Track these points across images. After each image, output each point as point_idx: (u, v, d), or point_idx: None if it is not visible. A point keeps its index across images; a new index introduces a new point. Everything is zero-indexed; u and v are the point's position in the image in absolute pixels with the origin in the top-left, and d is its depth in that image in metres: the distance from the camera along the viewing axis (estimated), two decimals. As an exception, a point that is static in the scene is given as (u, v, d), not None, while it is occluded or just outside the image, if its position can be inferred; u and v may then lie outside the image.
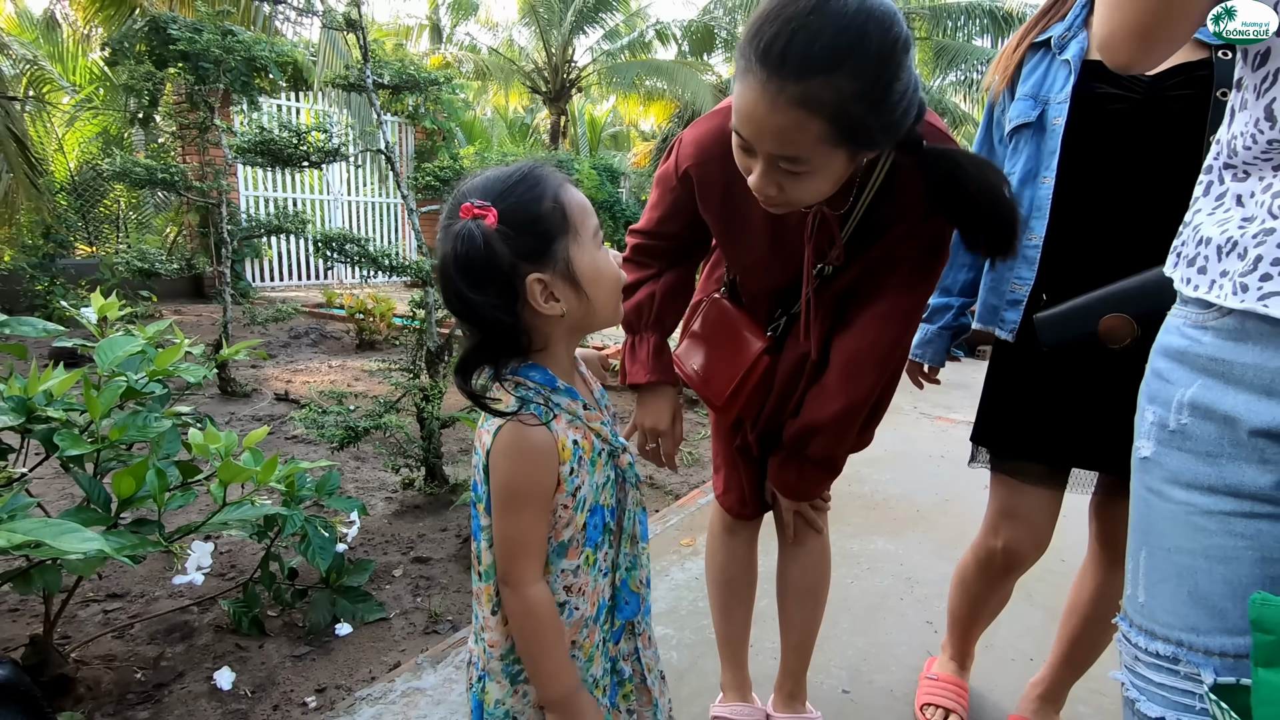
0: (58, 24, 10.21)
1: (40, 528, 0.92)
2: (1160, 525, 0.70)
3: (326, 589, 1.88)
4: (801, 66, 0.76)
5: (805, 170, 0.84)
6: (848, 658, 1.78)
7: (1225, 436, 0.66)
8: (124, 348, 1.47)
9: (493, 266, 0.74)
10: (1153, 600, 0.71)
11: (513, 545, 0.79)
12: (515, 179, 0.77)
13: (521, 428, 0.77)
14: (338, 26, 2.47)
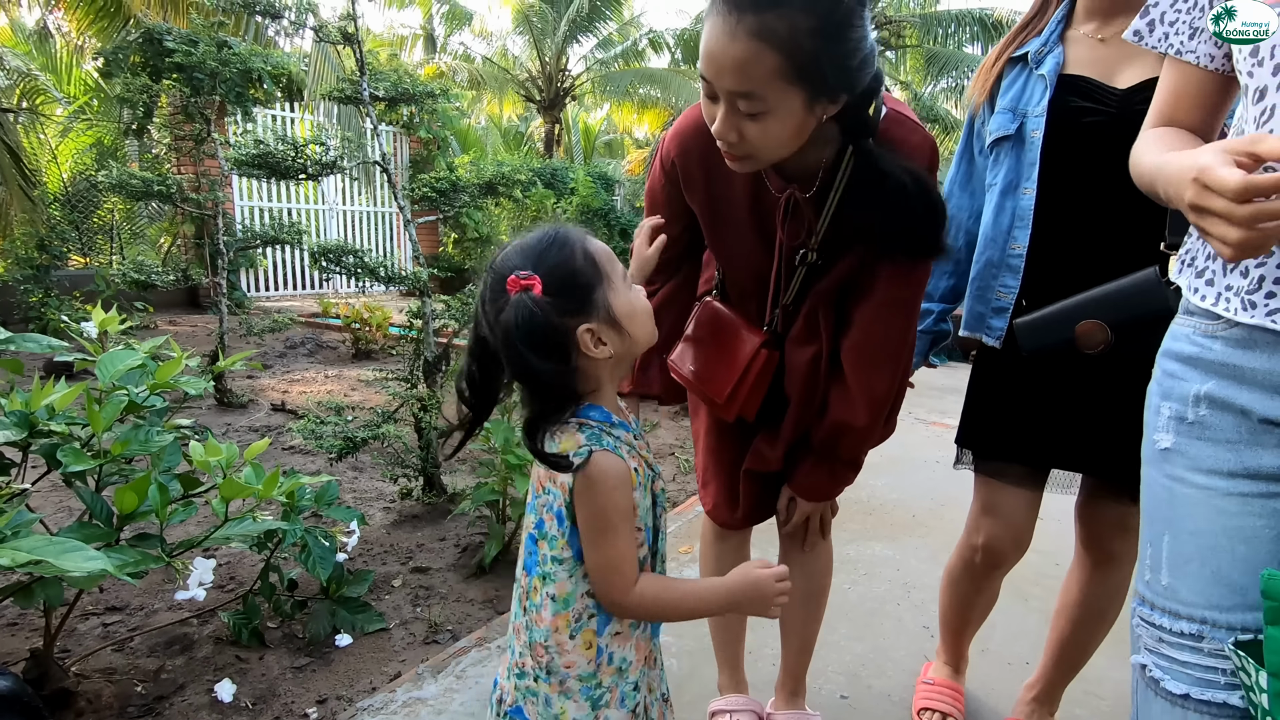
0: (51, 35, 10.21)
1: (44, 546, 0.92)
2: (1183, 510, 0.74)
3: (326, 600, 1.89)
4: (758, 1, 0.82)
5: (762, 110, 0.88)
6: (846, 663, 1.79)
7: (1242, 425, 0.70)
8: (125, 362, 1.48)
9: (551, 330, 0.80)
10: (1176, 582, 0.74)
11: (616, 567, 0.84)
12: (546, 243, 0.83)
13: (605, 459, 0.83)
14: (334, 41, 2.49)
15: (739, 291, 1.23)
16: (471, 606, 2.03)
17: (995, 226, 1.27)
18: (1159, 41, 0.84)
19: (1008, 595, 1.61)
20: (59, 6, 7.60)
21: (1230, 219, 0.61)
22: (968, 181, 1.42)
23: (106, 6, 7.33)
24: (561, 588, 0.86)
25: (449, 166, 8.55)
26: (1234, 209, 0.60)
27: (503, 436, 2.12)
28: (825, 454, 1.20)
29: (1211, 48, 0.80)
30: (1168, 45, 0.83)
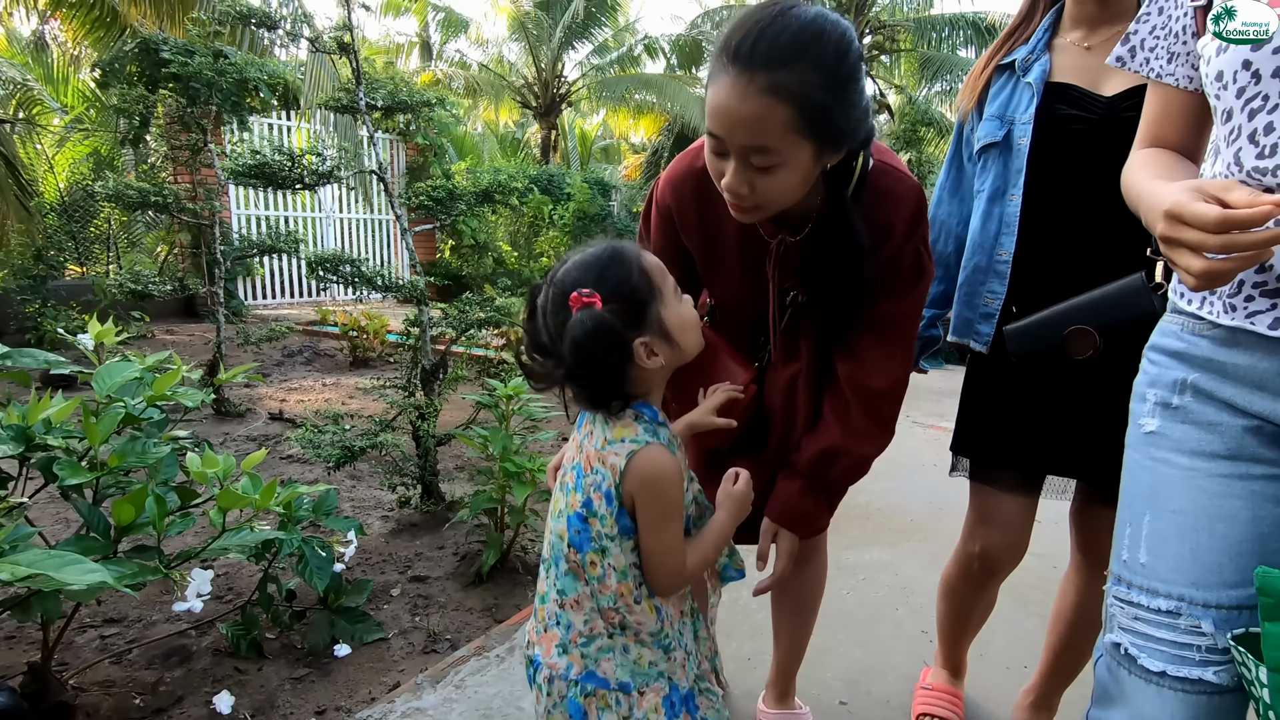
0: (47, 45, 10.22)
1: (43, 559, 0.92)
2: (1165, 490, 0.77)
3: (325, 610, 1.89)
4: (768, 57, 0.85)
5: (775, 163, 0.91)
6: (845, 669, 1.79)
7: (1222, 411, 0.75)
8: (122, 374, 1.48)
9: (613, 344, 0.86)
10: (1155, 560, 0.77)
11: (672, 551, 0.92)
12: (606, 261, 0.89)
13: (662, 453, 0.90)
14: (330, 51, 2.49)
15: (730, 321, 1.26)
16: (470, 615, 2.03)
17: (983, 233, 1.28)
18: (1141, 66, 0.90)
19: (1006, 599, 1.61)
20: (55, 16, 7.61)
21: (1203, 248, 0.66)
22: (957, 188, 1.43)
23: (103, 16, 7.34)
24: (619, 560, 0.92)
25: (445, 174, 8.58)
26: (1206, 239, 0.65)
27: (500, 445, 2.12)
28: (817, 479, 1.16)
29: (1189, 70, 0.84)
30: (1149, 70, 0.88)
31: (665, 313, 0.90)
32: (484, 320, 2.62)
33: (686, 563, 0.94)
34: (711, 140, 0.94)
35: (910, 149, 8.61)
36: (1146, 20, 0.88)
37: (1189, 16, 0.82)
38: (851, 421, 1.13)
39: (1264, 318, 0.71)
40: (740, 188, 0.94)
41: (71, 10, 7.24)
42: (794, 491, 1.16)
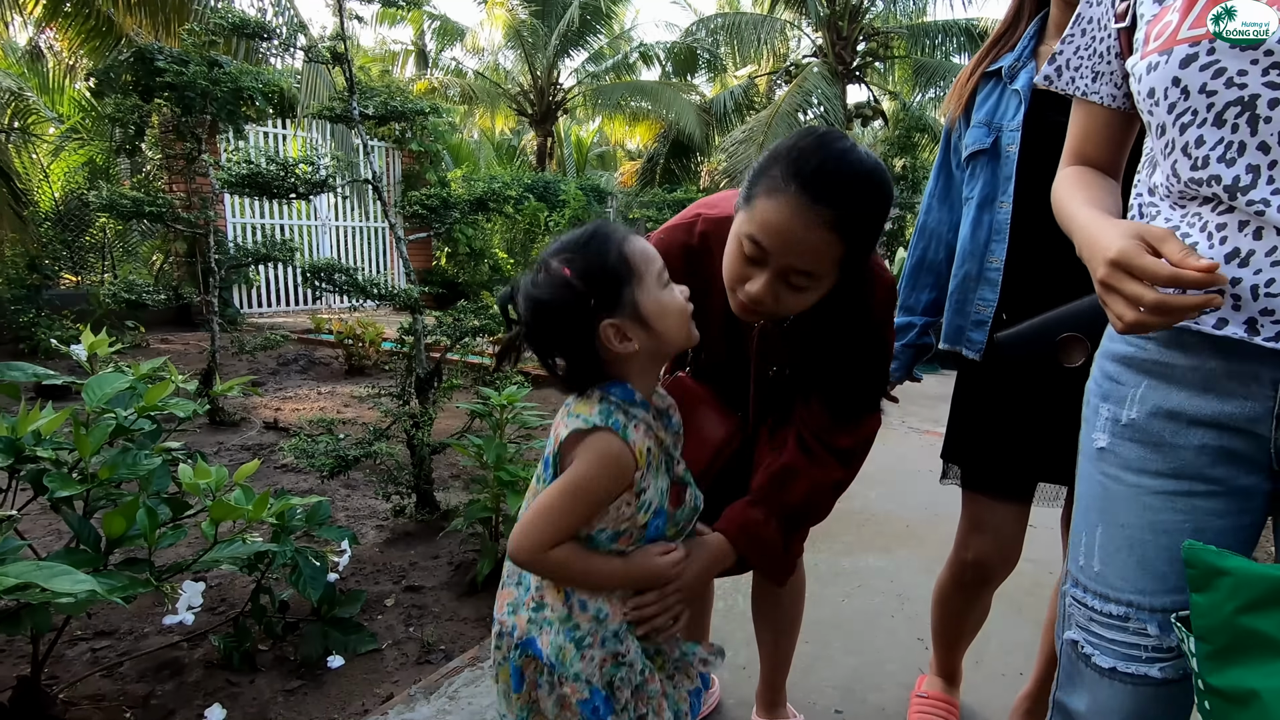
0: (42, 55, 10.22)
1: (32, 570, 0.92)
2: (1115, 505, 0.83)
3: (318, 621, 1.88)
4: (839, 195, 0.90)
5: (810, 285, 0.96)
6: (840, 677, 1.79)
7: (1168, 429, 0.79)
8: (113, 384, 1.48)
9: (569, 319, 0.87)
10: (1106, 569, 0.83)
11: (544, 522, 0.89)
12: (585, 238, 0.90)
13: (607, 440, 0.88)
14: (324, 61, 2.50)
15: (711, 373, 1.28)
16: (465, 625, 2.02)
17: (973, 240, 1.29)
18: (1067, 85, 0.94)
19: (1001, 606, 1.61)
20: (51, 26, 7.61)
21: (1139, 302, 0.69)
22: (946, 194, 1.43)
23: (98, 26, 7.34)
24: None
25: (441, 181, 8.58)
26: (1144, 294, 0.69)
27: (495, 453, 2.12)
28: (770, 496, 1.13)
29: (1112, 88, 0.90)
30: (1074, 88, 0.93)
31: (642, 297, 0.89)
32: (479, 328, 2.62)
33: (552, 549, 0.89)
34: (753, 248, 0.95)
35: (905, 155, 8.65)
36: (1071, 41, 0.93)
37: (1113, 38, 0.87)
38: (813, 452, 1.14)
39: (1208, 317, 0.74)
40: (767, 300, 0.97)
41: (67, 20, 7.24)
42: (743, 503, 1.14)
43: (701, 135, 12.43)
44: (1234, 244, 0.72)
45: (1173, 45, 0.74)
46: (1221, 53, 0.70)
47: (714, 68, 14.16)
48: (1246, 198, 0.71)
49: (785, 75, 12.56)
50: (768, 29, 12.03)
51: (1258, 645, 0.68)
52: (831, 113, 10.64)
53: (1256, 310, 0.71)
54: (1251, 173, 0.70)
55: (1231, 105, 0.71)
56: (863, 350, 1.13)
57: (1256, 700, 0.66)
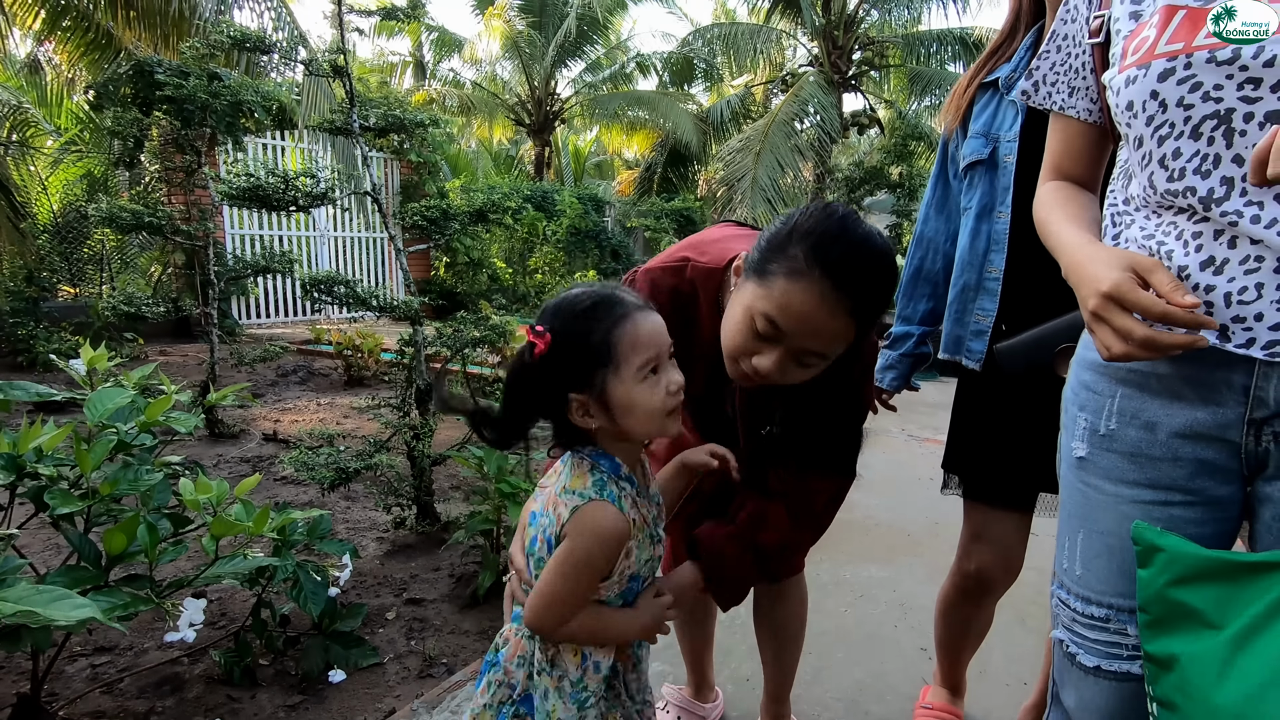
0: (41, 68, 10.25)
1: (31, 595, 0.91)
2: (1095, 513, 0.86)
3: (319, 635, 1.87)
4: (860, 286, 0.92)
5: (819, 364, 0.97)
6: (844, 689, 1.78)
7: (1144, 440, 0.81)
8: (114, 400, 1.47)
9: (537, 384, 0.88)
10: (1088, 573, 0.86)
11: (560, 601, 0.89)
12: (581, 308, 0.88)
13: (604, 510, 0.87)
14: (323, 74, 2.51)
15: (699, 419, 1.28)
16: (466, 638, 2.01)
17: (971, 250, 1.29)
18: (1044, 99, 0.96)
19: (1005, 615, 1.61)
20: (50, 39, 7.64)
21: (1129, 336, 0.72)
22: (943, 205, 1.44)
23: (97, 40, 7.37)
24: None
25: (440, 192, 8.60)
26: (1135, 329, 0.71)
27: (496, 465, 2.12)
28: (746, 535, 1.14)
29: (1089, 103, 0.92)
30: (1051, 103, 0.96)
31: (614, 386, 0.86)
32: (479, 339, 2.62)
33: (563, 625, 0.90)
34: (768, 327, 0.94)
35: (901, 162, 8.68)
36: (1047, 57, 0.95)
37: (1088, 54, 0.89)
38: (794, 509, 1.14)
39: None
40: (775, 374, 0.97)
41: (66, 33, 7.27)
42: (722, 534, 1.14)
43: (699, 144, 12.48)
44: (1209, 252, 0.74)
45: (1150, 60, 0.75)
46: (1198, 67, 0.72)
47: (711, 77, 14.23)
48: (1220, 209, 0.73)
49: (782, 84, 12.62)
50: (764, 39, 12.10)
51: (1184, 615, 0.73)
52: (828, 121, 10.69)
53: (1228, 317, 0.73)
54: (1225, 185, 0.72)
55: (1208, 119, 0.73)
56: (841, 411, 1.14)
57: (1177, 663, 0.73)
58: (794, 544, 1.17)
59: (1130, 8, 0.82)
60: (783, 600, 1.41)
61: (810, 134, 10.86)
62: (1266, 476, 0.77)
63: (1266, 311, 0.71)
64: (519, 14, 12.54)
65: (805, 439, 1.14)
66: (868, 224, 0.96)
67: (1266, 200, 0.70)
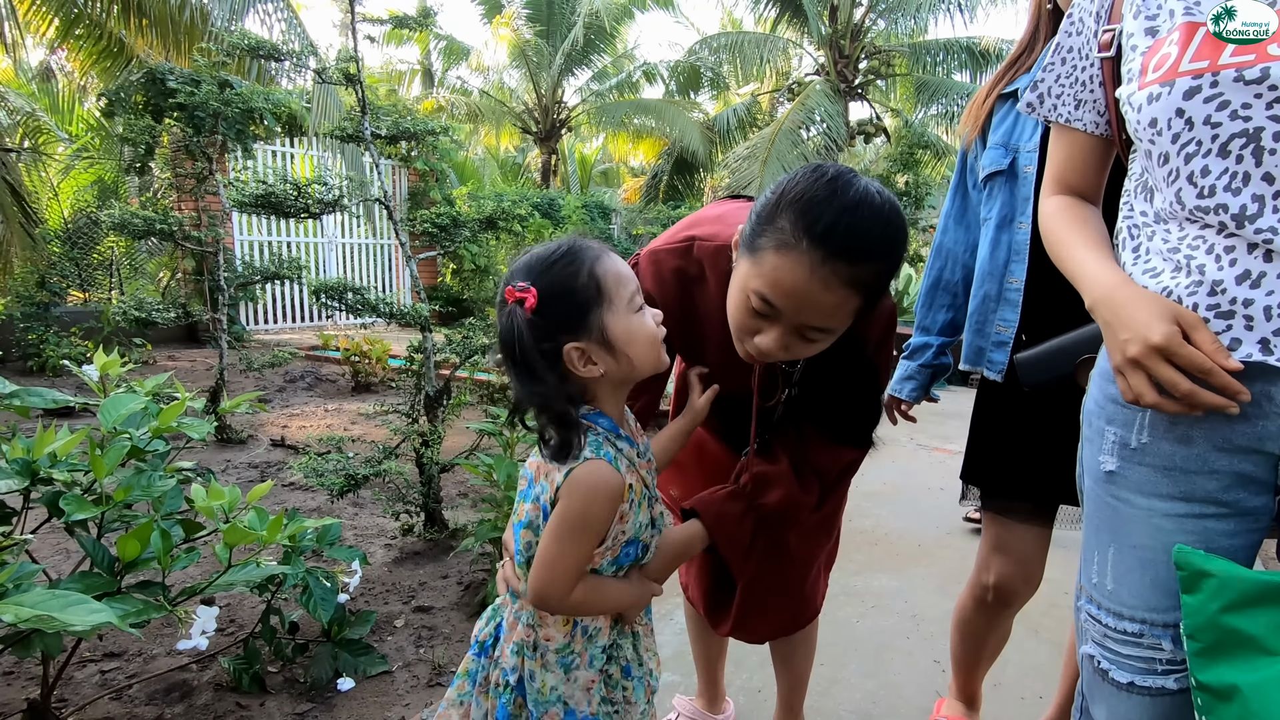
0: (54, 75, 10.36)
1: (46, 599, 0.91)
2: (1126, 527, 0.84)
3: (328, 642, 1.86)
4: (856, 254, 0.85)
5: (824, 338, 0.92)
6: (856, 701, 1.76)
7: (1179, 453, 0.79)
8: (127, 406, 1.47)
9: (532, 343, 0.83)
10: (1120, 588, 0.84)
11: (561, 568, 0.87)
12: (555, 257, 0.86)
13: (599, 468, 0.86)
14: (335, 82, 2.52)
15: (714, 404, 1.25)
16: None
17: (992, 261, 1.28)
18: (1049, 112, 0.96)
19: (1019, 627, 1.59)
20: (63, 47, 7.72)
21: (1175, 390, 0.73)
22: (963, 215, 1.43)
23: (109, 47, 7.44)
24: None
25: (447, 200, 8.64)
26: (1180, 383, 0.72)
27: (505, 472, 2.11)
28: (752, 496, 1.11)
29: (1095, 115, 0.92)
30: (1057, 115, 0.95)
31: (610, 321, 0.85)
32: (488, 346, 2.62)
33: (569, 594, 0.88)
34: (763, 304, 0.89)
35: (907, 171, 8.69)
36: (1052, 69, 0.95)
37: (1096, 67, 0.90)
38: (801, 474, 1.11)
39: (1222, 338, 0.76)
40: (778, 352, 0.92)
41: (79, 41, 7.35)
42: (722, 493, 1.11)
43: (705, 152, 12.52)
44: (1244, 266, 0.74)
45: (1174, 77, 0.75)
46: (1225, 85, 0.72)
47: (717, 85, 14.28)
48: (1254, 225, 0.73)
49: (788, 93, 12.66)
50: (770, 48, 12.15)
51: (1239, 643, 0.71)
52: (834, 130, 10.72)
53: (1270, 330, 0.73)
54: (1257, 202, 0.72)
55: (1236, 137, 0.73)
56: (855, 382, 1.10)
57: (1239, 694, 0.70)
58: (797, 506, 1.11)
59: (1145, 23, 0.81)
60: (798, 645, 1.42)
61: (817, 142, 10.87)
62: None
63: None
64: (527, 23, 12.62)
65: (820, 408, 1.11)
66: (864, 182, 0.87)
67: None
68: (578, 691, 0.94)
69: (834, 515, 1.32)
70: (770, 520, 1.12)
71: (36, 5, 7.03)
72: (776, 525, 1.14)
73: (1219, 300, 0.75)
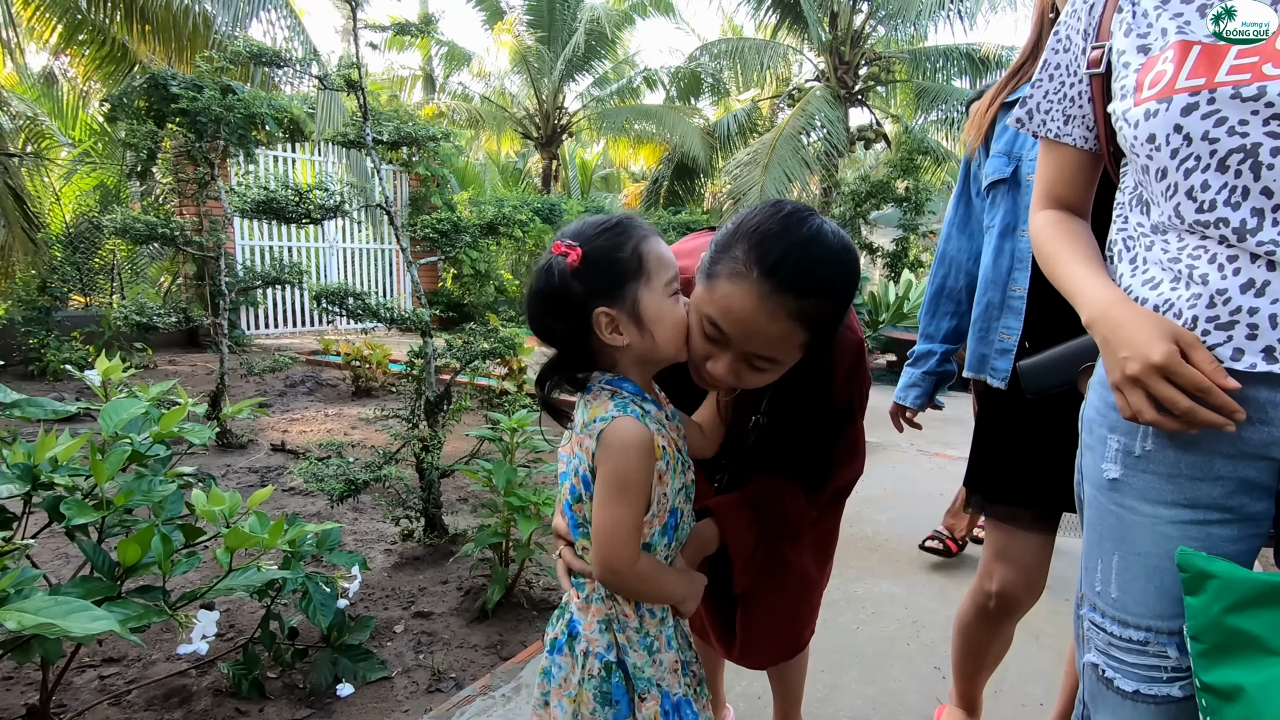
0: (57, 80, 10.39)
1: (49, 606, 0.91)
2: (1131, 534, 0.84)
3: (327, 648, 1.86)
4: (802, 286, 0.86)
5: (772, 368, 0.93)
6: (857, 708, 1.76)
7: (1183, 459, 0.80)
8: (128, 410, 1.48)
9: (565, 298, 0.87)
10: (1125, 595, 0.85)
11: (621, 533, 0.88)
12: (606, 225, 0.90)
13: (627, 424, 0.87)
14: (338, 89, 2.54)
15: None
16: (475, 653, 2.00)
17: (995, 269, 1.29)
18: (1039, 127, 0.98)
19: (1020, 634, 1.59)
20: (66, 52, 7.75)
21: (1174, 408, 0.75)
22: (966, 223, 1.44)
23: (112, 52, 7.47)
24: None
25: (449, 205, 8.65)
26: (1179, 401, 0.74)
27: (505, 478, 2.11)
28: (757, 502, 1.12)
29: (1084, 130, 0.94)
30: (1046, 130, 0.97)
31: (644, 296, 0.88)
32: (488, 351, 2.63)
33: (643, 564, 0.89)
34: (712, 329, 0.91)
35: (908, 176, 8.70)
36: (1040, 85, 0.97)
37: (1085, 83, 0.91)
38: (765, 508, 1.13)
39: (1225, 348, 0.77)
40: (728, 379, 0.94)
41: (82, 46, 7.38)
42: (735, 499, 1.12)
43: (705, 158, 12.54)
44: (1249, 275, 0.75)
45: (1172, 94, 0.76)
46: (1222, 102, 0.73)
47: (718, 91, 14.32)
48: (1256, 239, 0.74)
49: (788, 99, 12.69)
50: (770, 54, 12.18)
51: (1243, 644, 0.72)
52: (834, 136, 10.74)
53: (1275, 339, 0.73)
54: (1257, 216, 0.74)
55: (1234, 153, 0.74)
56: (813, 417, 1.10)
57: (1243, 694, 0.71)
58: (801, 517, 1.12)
59: (1137, 40, 0.82)
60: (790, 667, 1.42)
61: (817, 148, 10.89)
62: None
63: None
64: (528, 29, 12.67)
65: (780, 442, 1.12)
66: (819, 220, 0.89)
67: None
68: (667, 674, 0.94)
69: (831, 535, 1.31)
70: (772, 528, 1.13)
71: (40, 11, 7.07)
72: (777, 534, 1.14)
73: (1219, 312, 0.76)
